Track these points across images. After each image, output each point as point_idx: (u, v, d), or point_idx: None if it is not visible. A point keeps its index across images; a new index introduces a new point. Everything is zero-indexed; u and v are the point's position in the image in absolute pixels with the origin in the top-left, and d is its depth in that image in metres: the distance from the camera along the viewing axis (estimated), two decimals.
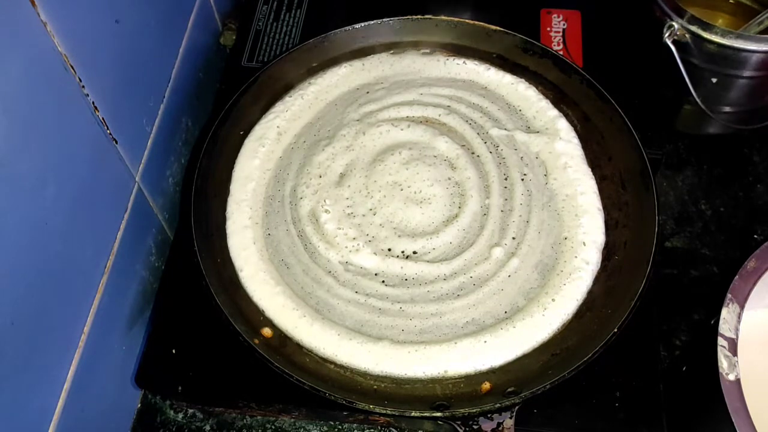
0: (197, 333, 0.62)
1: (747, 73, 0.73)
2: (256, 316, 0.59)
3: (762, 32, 0.73)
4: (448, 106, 0.69)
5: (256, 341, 0.56)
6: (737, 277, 0.57)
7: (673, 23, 0.71)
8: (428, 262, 0.61)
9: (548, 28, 0.79)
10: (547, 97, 0.69)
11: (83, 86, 0.52)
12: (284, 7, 0.83)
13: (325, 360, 0.57)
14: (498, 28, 0.71)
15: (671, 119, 0.82)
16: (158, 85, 0.67)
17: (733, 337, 0.54)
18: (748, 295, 0.56)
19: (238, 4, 0.86)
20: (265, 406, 0.63)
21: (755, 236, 0.74)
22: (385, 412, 0.52)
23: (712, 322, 0.55)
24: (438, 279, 0.60)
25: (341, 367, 0.57)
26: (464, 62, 0.71)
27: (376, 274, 0.60)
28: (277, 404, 0.62)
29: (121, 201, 0.61)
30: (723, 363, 0.53)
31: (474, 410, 0.53)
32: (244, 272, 0.60)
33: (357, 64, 0.72)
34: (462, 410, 0.53)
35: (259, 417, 0.66)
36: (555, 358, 0.56)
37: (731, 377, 0.52)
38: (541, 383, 0.53)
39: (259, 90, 0.70)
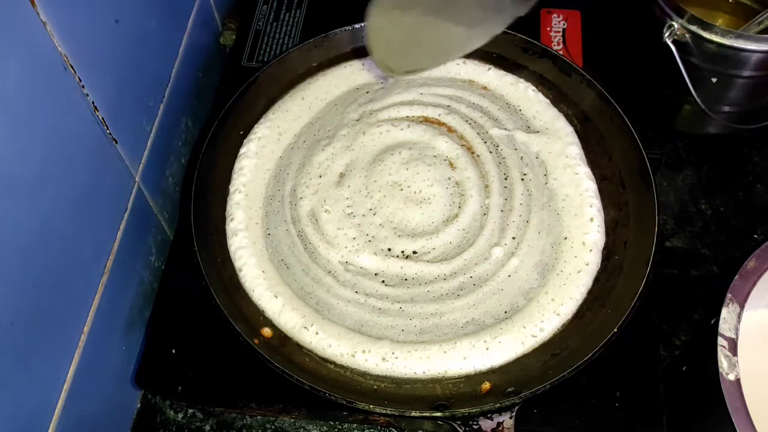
0: (197, 333, 0.62)
1: (747, 73, 0.73)
2: (256, 316, 0.59)
3: (762, 32, 0.73)
4: (448, 106, 0.69)
5: (256, 341, 0.56)
6: (737, 277, 0.57)
7: (673, 23, 0.71)
8: (428, 262, 0.61)
9: (548, 28, 0.79)
10: (547, 97, 0.69)
11: (83, 86, 0.52)
12: (284, 7, 0.83)
13: (325, 360, 0.57)
14: None
15: (671, 119, 0.82)
16: (158, 85, 0.67)
17: (733, 337, 0.54)
18: (748, 295, 0.56)
19: (238, 4, 0.86)
20: (265, 406, 0.63)
21: (755, 236, 0.74)
22: (385, 412, 0.52)
23: (712, 322, 0.55)
24: (438, 279, 0.60)
25: (341, 367, 0.57)
26: (464, 62, 0.71)
27: (376, 274, 0.60)
28: (277, 404, 0.62)
29: (121, 201, 0.61)
30: (723, 363, 0.53)
31: (474, 410, 0.53)
32: (244, 272, 0.60)
33: (357, 64, 0.72)
34: (462, 410, 0.53)
35: (259, 417, 0.66)
36: (555, 358, 0.56)
37: (731, 377, 0.52)
38: (541, 383, 0.53)
39: (259, 90, 0.70)
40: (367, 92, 0.71)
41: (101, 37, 0.55)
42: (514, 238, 0.61)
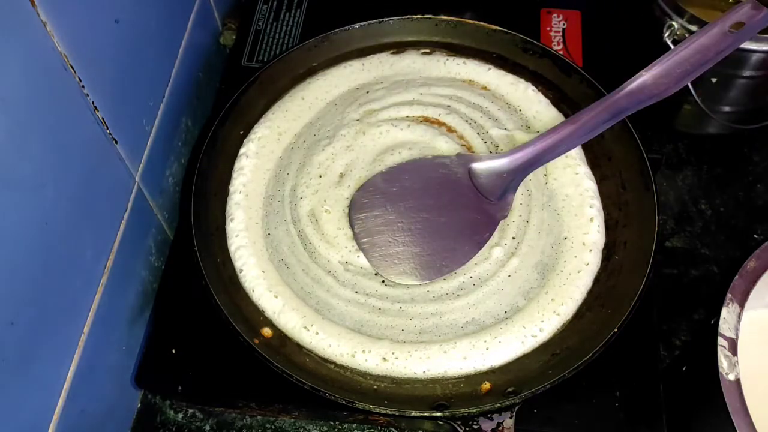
0: (197, 333, 0.62)
1: (747, 73, 0.73)
2: (256, 316, 0.59)
3: (762, 32, 0.73)
4: (448, 106, 0.69)
5: (256, 341, 0.56)
6: (737, 277, 0.57)
7: (673, 23, 0.71)
8: None
9: (548, 28, 0.79)
10: (547, 97, 0.69)
11: (83, 86, 0.52)
12: (284, 7, 0.83)
13: (325, 360, 0.57)
14: (498, 28, 0.71)
15: (671, 119, 0.82)
16: (158, 85, 0.67)
17: (733, 337, 0.54)
18: (748, 295, 0.56)
19: (238, 3, 0.86)
20: (265, 406, 0.63)
21: (755, 236, 0.74)
22: (385, 412, 0.52)
23: (712, 322, 0.55)
24: (438, 279, 0.60)
25: (341, 367, 0.57)
26: (464, 62, 0.71)
27: (375, 274, 0.60)
28: (277, 404, 0.62)
29: (121, 201, 0.61)
30: (723, 363, 0.53)
31: (474, 410, 0.53)
32: (244, 272, 0.60)
33: (357, 64, 0.72)
34: (462, 410, 0.53)
35: (259, 417, 0.66)
36: (555, 358, 0.56)
37: (731, 377, 0.52)
38: (541, 383, 0.53)
39: (259, 90, 0.70)
40: (367, 92, 0.71)
41: (101, 37, 0.55)
42: (514, 238, 0.61)
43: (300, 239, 0.62)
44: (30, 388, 0.50)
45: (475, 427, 0.53)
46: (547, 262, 0.60)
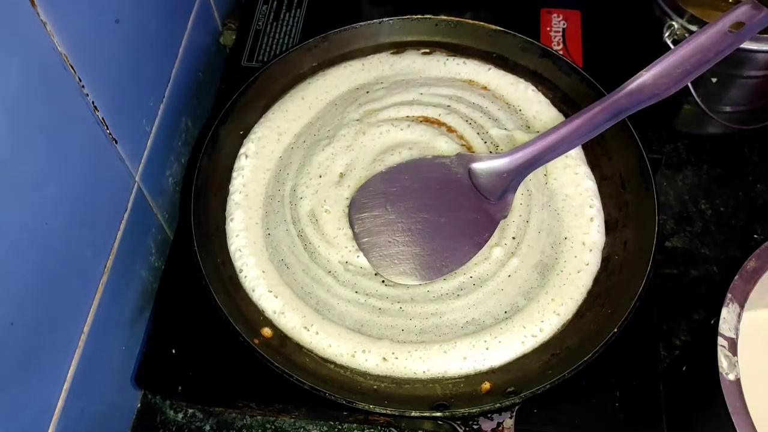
0: (197, 333, 0.62)
1: (747, 73, 0.73)
2: (256, 316, 0.59)
3: (762, 32, 0.73)
4: (448, 106, 0.69)
5: (256, 341, 0.56)
6: (737, 277, 0.57)
7: (673, 23, 0.71)
8: None
9: (548, 28, 0.79)
10: (547, 97, 0.69)
11: (83, 86, 0.52)
12: (284, 7, 0.83)
13: (325, 360, 0.57)
14: (498, 28, 0.71)
15: (671, 119, 0.82)
16: (158, 85, 0.67)
17: (733, 337, 0.54)
18: (748, 295, 0.56)
19: (238, 3, 0.86)
20: (265, 406, 0.63)
21: (755, 236, 0.74)
22: (385, 412, 0.52)
23: (712, 322, 0.55)
24: (438, 279, 0.60)
25: (341, 367, 0.57)
26: (464, 62, 0.71)
27: (375, 274, 0.60)
28: (277, 404, 0.62)
29: (121, 201, 0.61)
30: (723, 363, 0.53)
31: (474, 410, 0.53)
32: (244, 272, 0.60)
33: (357, 64, 0.72)
34: (462, 410, 0.53)
35: (259, 417, 0.66)
36: (555, 358, 0.56)
37: (731, 377, 0.52)
38: (541, 383, 0.53)
39: (259, 90, 0.70)
40: (367, 92, 0.71)
41: (101, 37, 0.55)
42: (514, 238, 0.61)
43: (300, 239, 0.62)
44: (30, 387, 0.50)
45: (475, 427, 0.53)
46: (547, 262, 0.60)
